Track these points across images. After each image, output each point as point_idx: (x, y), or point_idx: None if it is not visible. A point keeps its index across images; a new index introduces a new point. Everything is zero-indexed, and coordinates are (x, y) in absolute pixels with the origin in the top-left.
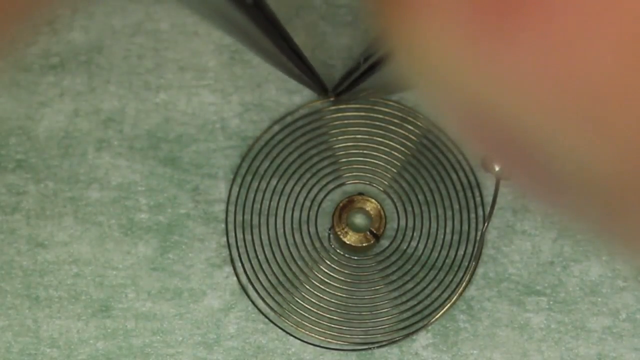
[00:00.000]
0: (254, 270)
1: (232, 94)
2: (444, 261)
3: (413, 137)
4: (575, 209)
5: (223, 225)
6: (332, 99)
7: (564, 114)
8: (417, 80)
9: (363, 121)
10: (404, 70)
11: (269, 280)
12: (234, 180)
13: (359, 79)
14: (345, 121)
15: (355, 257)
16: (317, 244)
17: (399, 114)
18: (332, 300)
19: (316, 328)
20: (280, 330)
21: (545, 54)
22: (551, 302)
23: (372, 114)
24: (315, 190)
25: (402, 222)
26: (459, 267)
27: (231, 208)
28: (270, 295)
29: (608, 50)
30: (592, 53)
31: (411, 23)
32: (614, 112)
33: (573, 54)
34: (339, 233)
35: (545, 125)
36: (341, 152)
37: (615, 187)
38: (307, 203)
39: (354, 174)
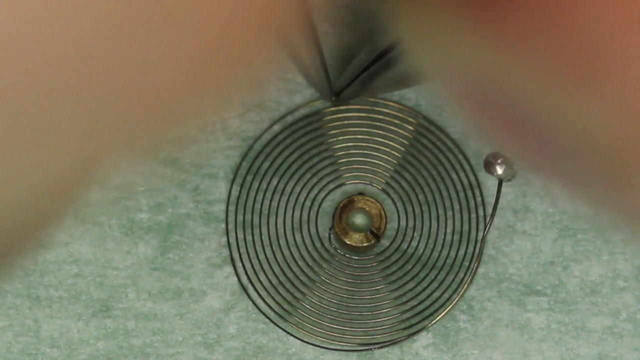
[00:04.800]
0: (254, 270)
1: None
2: (445, 261)
3: (413, 137)
4: (578, 181)
5: (223, 225)
6: (333, 98)
7: (564, 80)
8: (425, 65)
9: (363, 121)
10: (412, 57)
11: (270, 280)
12: (234, 180)
13: (359, 75)
14: (346, 121)
15: (356, 257)
16: (318, 244)
17: (399, 114)
18: (333, 301)
19: (317, 328)
20: (280, 330)
21: (544, 21)
22: (552, 302)
23: (372, 114)
24: (315, 190)
25: (403, 222)
26: (460, 267)
27: (231, 208)
28: (271, 295)
29: (606, 13)
30: (589, 17)
31: (418, 6)
32: (613, 76)
33: (569, 20)
34: (339, 233)
35: (548, 93)
36: (341, 152)
37: (617, 155)
38: (308, 203)
39: (354, 174)
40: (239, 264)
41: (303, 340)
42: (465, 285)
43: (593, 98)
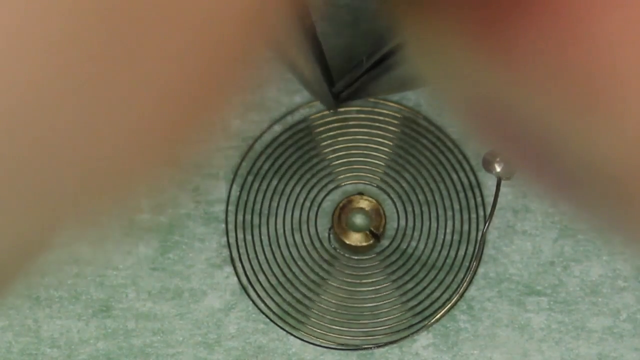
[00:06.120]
0: (254, 271)
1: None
2: (445, 261)
3: (413, 138)
4: (583, 202)
5: (223, 225)
6: (335, 108)
7: (572, 104)
8: (427, 74)
9: (363, 121)
10: (414, 65)
11: (269, 281)
12: (234, 180)
13: (360, 77)
14: (346, 122)
15: (356, 257)
16: (317, 244)
17: (399, 114)
18: (333, 300)
19: (317, 328)
20: (280, 330)
21: (552, 46)
22: (552, 302)
23: (372, 115)
24: (315, 190)
25: (402, 222)
26: (460, 267)
27: (231, 208)
28: (270, 296)
29: (612, 40)
30: (597, 43)
31: (423, 17)
32: (620, 102)
33: (578, 45)
34: (339, 233)
35: (554, 116)
36: (341, 152)
37: (624, 178)
38: (307, 203)
39: (354, 174)
40: (238, 264)
41: (303, 340)
42: (465, 285)
43: (598, 120)
